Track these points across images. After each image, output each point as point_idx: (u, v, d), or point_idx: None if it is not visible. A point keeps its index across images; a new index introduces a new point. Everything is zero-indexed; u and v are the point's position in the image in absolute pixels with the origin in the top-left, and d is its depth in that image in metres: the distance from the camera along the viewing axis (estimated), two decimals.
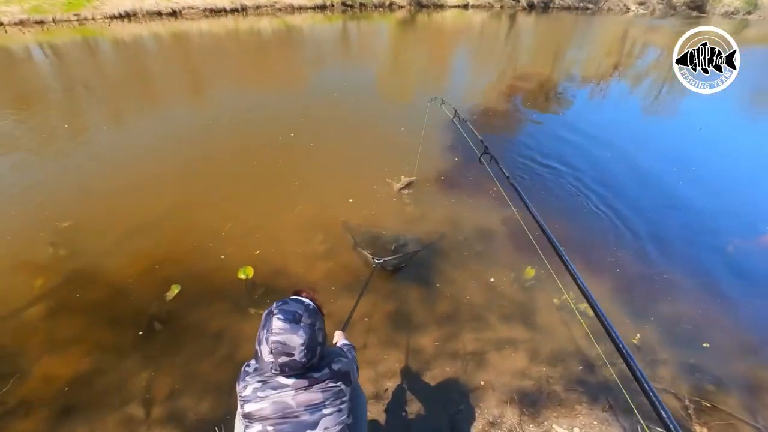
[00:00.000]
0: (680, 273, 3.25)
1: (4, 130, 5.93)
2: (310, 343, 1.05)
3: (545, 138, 5.89)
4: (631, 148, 5.62)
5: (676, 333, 2.73)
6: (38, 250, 3.38)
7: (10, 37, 15.64)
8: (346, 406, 1.13)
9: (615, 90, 9.20)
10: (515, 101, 7.85)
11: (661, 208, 4.21)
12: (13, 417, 2.18)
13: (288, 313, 1.06)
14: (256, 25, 17.43)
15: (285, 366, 1.03)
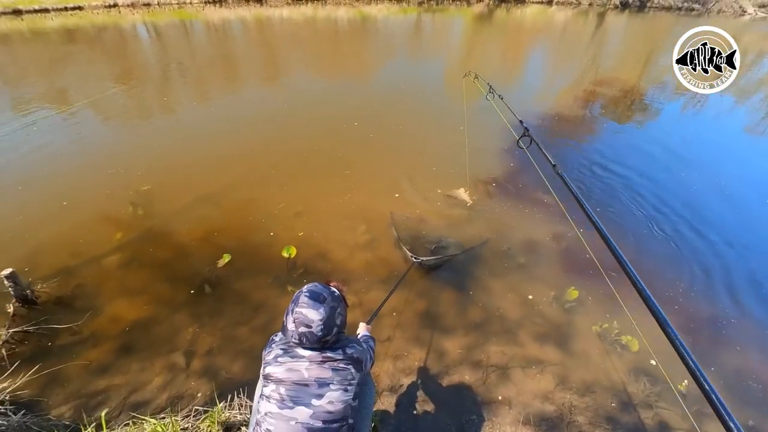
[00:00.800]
0: (756, 323, 2.85)
1: (108, 100, 6.82)
2: (327, 321, 1.19)
3: (621, 150, 5.44)
4: (721, 171, 4.96)
5: (738, 389, 2.41)
6: (121, 207, 3.89)
7: (122, 16, 17.78)
8: (352, 389, 1.21)
9: (714, 104, 8.10)
10: (592, 108, 7.30)
11: (746, 245, 3.68)
12: (84, 345, 2.57)
13: (314, 293, 1.22)
14: (333, 14, 17.94)
15: (303, 336, 1.18)
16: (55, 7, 18.63)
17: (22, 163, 4.70)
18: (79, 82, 8.02)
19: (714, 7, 22.56)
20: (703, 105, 7.90)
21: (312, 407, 1.15)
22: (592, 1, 22.49)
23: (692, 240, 3.63)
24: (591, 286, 3.03)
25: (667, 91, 8.57)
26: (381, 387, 2.29)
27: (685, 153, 5.43)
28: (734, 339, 2.72)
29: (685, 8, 22.57)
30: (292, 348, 1.23)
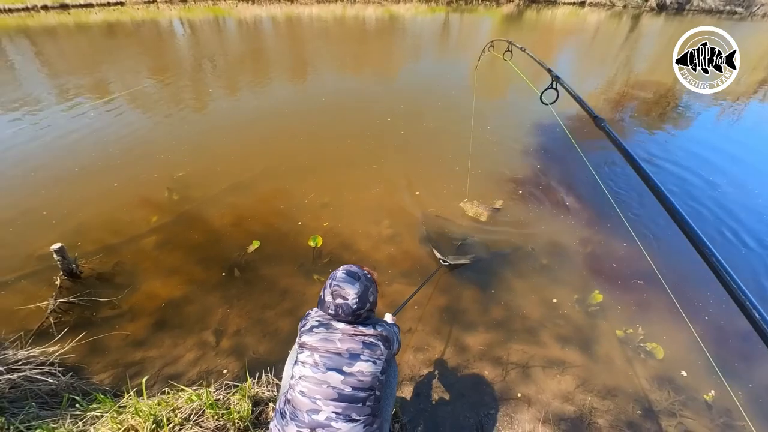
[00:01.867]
0: None
1: (145, 92, 7.14)
2: (362, 296, 1.32)
3: (652, 154, 5.28)
4: (753, 181, 4.76)
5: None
6: (157, 192, 4.09)
7: (160, 12, 18.47)
8: (381, 363, 1.31)
9: (754, 112, 7.74)
10: (623, 112, 7.10)
11: None
12: (123, 319, 2.73)
13: (351, 272, 1.37)
14: (362, 12, 18.07)
15: (339, 308, 1.31)
16: (99, 2, 19.54)
17: (64, 148, 5.00)
18: (119, 74, 8.42)
19: (759, 11, 21.36)
20: (741, 113, 7.54)
21: (343, 374, 1.24)
22: (626, 3, 21.71)
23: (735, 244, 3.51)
24: (616, 290, 2.99)
25: (704, 97, 8.23)
26: (402, 377, 2.34)
27: (717, 160, 5.22)
28: None
29: (727, 11, 21.48)
30: (327, 320, 1.34)
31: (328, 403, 1.22)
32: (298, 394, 1.24)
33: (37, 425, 1.54)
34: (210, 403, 1.69)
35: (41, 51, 10.75)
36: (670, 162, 5.11)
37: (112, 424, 1.54)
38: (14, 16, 17.61)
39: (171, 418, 1.61)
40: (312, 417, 1.21)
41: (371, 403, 1.26)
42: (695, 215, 3.98)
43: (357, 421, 1.22)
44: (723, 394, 2.31)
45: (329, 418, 1.20)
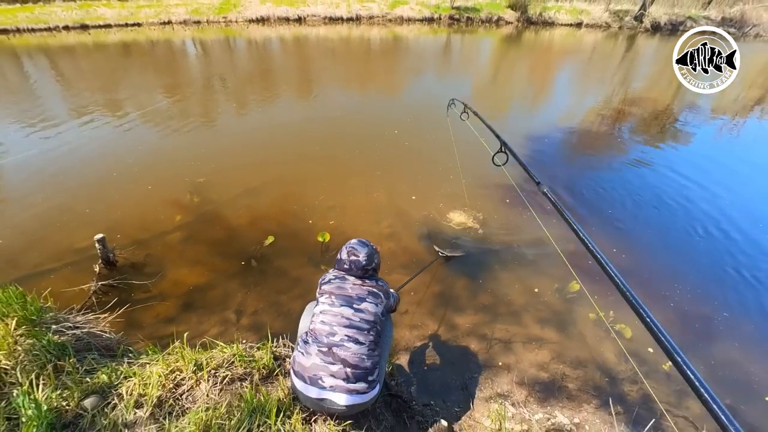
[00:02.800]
0: (756, 325, 3.06)
1: (161, 110, 7.69)
2: (369, 256, 1.82)
3: (647, 170, 5.63)
4: (745, 191, 5.11)
5: (727, 378, 2.64)
6: (181, 195, 4.52)
7: (175, 32, 19.43)
8: (381, 306, 1.76)
9: (752, 128, 8.10)
10: (620, 128, 7.54)
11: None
12: (154, 301, 3.10)
13: (362, 240, 1.91)
14: (367, 33, 18.91)
15: (352, 263, 1.78)
16: (117, 23, 20.62)
17: (101, 157, 5.50)
18: (139, 92, 9.03)
19: (751, 32, 22.10)
20: (740, 130, 7.87)
21: (353, 309, 1.69)
22: (622, 24, 22.54)
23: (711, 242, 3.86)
24: (592, 282, 3.33)
25: (702, 114, 8.64)
26: (398, 348, 2.68)
27: (713, 172, 5.57)
28: (729, 336, 2.94)
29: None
30: (342, 275, 1.82)
31: (342, 329, 1.62)
32: (319, 324, 1.65)
33: (102, 366, 1.92)
34: (239, 354, 2.05)
35: (83, 69, 11.49)
36: (670, 170, 5.53)
37: (163, 365, 1.91)
38: (36, 35, 18.65)
39: (209, 362, 1.97)
40: (330, 338, 1.61)
41: (373, 334, 1.67)
42: (691, 219, 4.35)
43: (363, 344, 1.62)
44: None
45: (342, 339, 1.60)
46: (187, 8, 22.66)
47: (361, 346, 1.60)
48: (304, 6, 22.66)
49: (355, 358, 1.57)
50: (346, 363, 1.56)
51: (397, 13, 22.16)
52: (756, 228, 4.28)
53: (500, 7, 22.76)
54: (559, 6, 23.27)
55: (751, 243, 3.99)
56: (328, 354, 1.57)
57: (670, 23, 22.60)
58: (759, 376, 2.65)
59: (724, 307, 3.17)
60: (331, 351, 1.58)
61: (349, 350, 1.58)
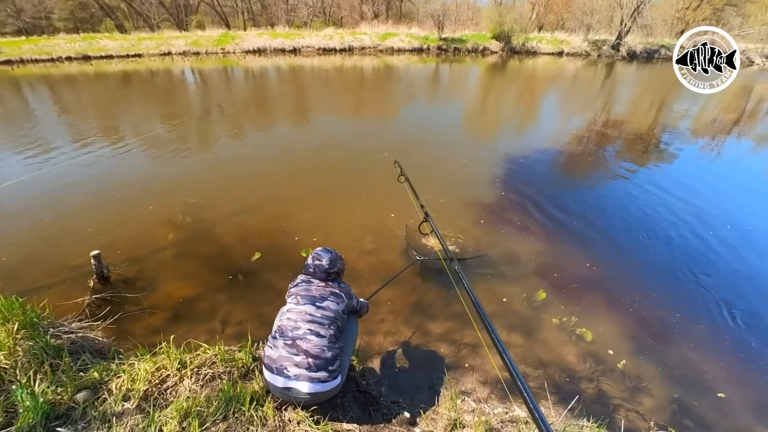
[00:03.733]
0: (710, 331, 3.28)
1: (160, 136, 8.06)
2: (332, 261, 2.09)
3: (633, 188, 5.94)
4: (734, 208, 5.41)
5: (677, 376, 2.84)
6: (174, 214, 4.76)
7: (174, 63, 20.21)
8: (342, 305, 2.01)
9: (732, 149, 8.54)
10: (605, 149, 7.97)
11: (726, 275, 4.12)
12: (144, 312, 3.28)
13: (326, 248, 2.18)
14: (360, 63, 19.80)
15: (316, 267, 2.03)
16: (119, 54, 21.44)
17: (95, 181, 5.76)
18: (135, 120, 9.43)
19: None
20: (720, 150, 8.30)
21: (316, 306, 1.93)
22: (600, 53, 23.87)
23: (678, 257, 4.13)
24: (558, 291, 3.58)
25: (683, 136, 9.14)
26: (371, 352, 2.87)
27: (700, 189, 5.86)
28: (680, 339, 3.15)
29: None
30: (308, 279, 2.02)
31: (305, 324, 1.85)
32: (286, 320, 1.87)
33: (94, 365, 2.10)
34: (221, 354, 2.24)
35: (79, 97, 11.94)
36: (656, 188, 5.86)
37: (150, 363, 2.09)
38: (40, 66, 19.31)
39: (192, 360, 2.16)
40: (294, 332, 1.83)
41: (334, 328, 1.90)
42: (680, 238, 4.60)
43: (323, 337, 1.84)
44: (633, 364, 2.84)
45: (305, 332, 1.83)
46: (187, 40, 23.67)
47: (322, 339, 1.82)
48: (299, 38, 23.77)
49: (316, 349, 1.78)
50: (308, 354, 1.76)
51: (387, 44, 23.30)
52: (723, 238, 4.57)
53: (485, 38, 24.03)
54: (540, 37, 24.64)
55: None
56: (292, 346, 1.79)
57: (646, 51, 23.99)
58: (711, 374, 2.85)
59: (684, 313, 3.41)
60: (295, 343, 1.79)
61: (311, 342, 1.79)
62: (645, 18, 25.01)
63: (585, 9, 26.38)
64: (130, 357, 2.27)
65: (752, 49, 25.25)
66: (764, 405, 2.68)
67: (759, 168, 7.44)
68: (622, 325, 3.25)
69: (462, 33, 25.16)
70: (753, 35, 26.90)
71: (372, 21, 29.23)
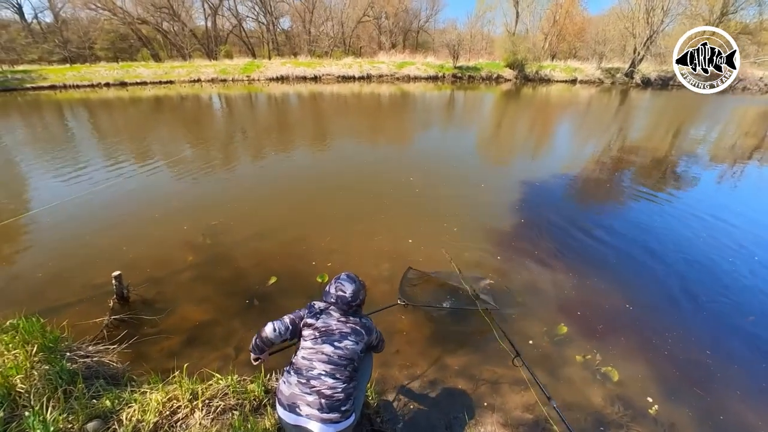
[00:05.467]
0: (745, 371, 3.05)
1: (185, 157, 8.37)
2: (356, 292, 1.95)
3: (647, 214, 5.87)
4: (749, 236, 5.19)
5: (715, 426, 2.63)
6: (194, 237, 4.86)
7: (203, 89, 21.26)
8: (361, 344, 1.92)
9: (754, 174, 8.27)
10: (621, 175, 7.85)
11: None
12: (161, 335, 3.29)
13: (351, 275, 2.04)
14: (377, 89, 20.37)
15: (339, 299, 1.92)
16: (152, 81, 22.75)
17: (126, 202, 5.98)
18: (163, 142, 9.85)
19: (739, 85, 23.16)
20: (741, 176, 8.05)
21: (334, 346, 1.84)
22: (614, 80, 23.92)
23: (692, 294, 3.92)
24: (579, 324, 3.42)
25: (701, 161, 8.94)
26: (387, 386, 2.77)
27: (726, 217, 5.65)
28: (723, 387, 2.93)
29: (707, 86, 23.37)
30: (327, 310, 1.94)
31: (321, 364, 1.79)
32: (300, 358, 1.83)
33: (107, 392, 2.09)
34: (233, 386, 2.20)
35: (102, 121, 12.63)
36: (669, 219, 5.69)
37: (162, 393, 2.07)
38: (80, 91, 20.63)
39: (204, 392, 2.13)
40: (309, 372, 1.78)
41: (350, 369, 1.84)
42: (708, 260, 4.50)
43: (339, 379, 1.78)
44: (667, 410, 2.64)
45: (320, 373, 1.77)
46: (215, 68, 24.98)
47: (337, 381, 1.77)
48: (320, 67, 24.76)
49: (330, 390, 1.73)
50: (321, 394, 1.72)
51: (404, 72, 23.99)
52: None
53: (499, 66, 24.47)
54: (554, 65, 24.96)
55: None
56: (306, 385, 1.75)
57: (660, 79, 23.93)
58: None
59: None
60: (309, 383, 1.75)
61: (325, 383, 1.74)
62: (658, 47, 25.10)
63: (597, 38, 26.71)
64: (143, 384, 2.25)
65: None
66: None
67: None
68: (650, 364, 3.06)
69: (476, 61, 25.73)
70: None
71: (389, 50, 30.26)
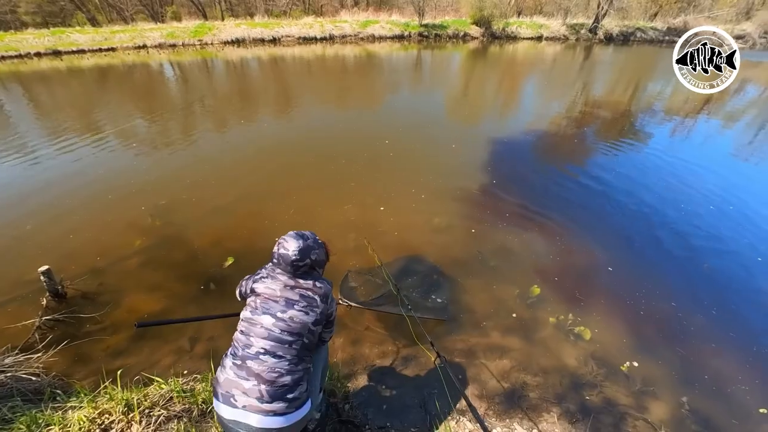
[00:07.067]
0: (710, 319, 3.10)
1: (134, 129, 7.57)
2: (303, 251, 1.53)
3: (611, 165, 5.93)
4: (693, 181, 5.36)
5: (684, 376, 2.65)
6: (141, 218, 4.39)
7: (150, 56, 19.33)
8: (314, 315, 1.52)
9: (703, 128, 8.51)
10: (585, 130, 7.83)
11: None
12: (104, 332, 2.96)
13: (299, 233, 1.59)
14: (341, 51, 19.22)
15: (280, 257, 1.53)
16: (91, 49, 20.38)
17: (64, 182, 5.32)
18: (109, 114, 8.86)
19: (694, 40, 23.87)
20: (692, 129, 8.32)
21: (275, 318, 1.47)
22: (578, 37, 23.89)
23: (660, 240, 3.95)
24: (551, 285, 3.37)
25: (657, 116, 9.08)
26: (356, 368, 2.61)
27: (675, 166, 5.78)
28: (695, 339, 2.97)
29: (666, 41, 24.30)
30: (273, 271, 1.58)
31: (259, 340, 1.45)
32: (239, 333, 1.52)
33: (21, 414, 1.78)
34: (177, 390, 1.95)
35: (34, 95, 11.22)
36: (630, 170, 5.75)
37: (89, 409, 1.78)
38: (7, 63, 18.23)
39: (141, 402, 1.86)
40: (245, 350, 1.45)
41: (297, 347, 1.48)
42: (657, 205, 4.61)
43: (283, 359, 1.44)
44: (638, 365, 2.65)
45: (258, 352, 1.43)
46: (162, 32, 22.64)
47: (280, 360, 1.44)
48: (279, 27, 22.96)
49: (271, 373, 1.41)
50: (261, 379, 1.40)
51: (368, 32, 22.67)
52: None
53: (466, 23, 23.61)
54: (520, 21, 24.44)
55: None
56: (241, 368, 1.43)
57: (622, 34, 24.26)
58: None
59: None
60: (246, 364, 1.43)
61: (265, 364, 1.42)
62: (621, 1, 25.15)
63: None
64: (70, 399, 1.95)
65: (724, 30, 25.67)
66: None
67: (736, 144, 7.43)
68: (622, 320, 3.06)
69: (442, 19, 24.66)
70: (722, 17, 27.37)
71: (352, 8, 28.42)
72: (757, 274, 3.65)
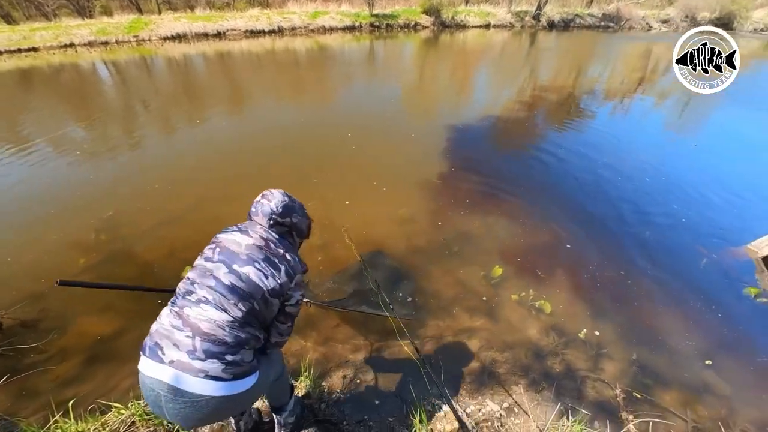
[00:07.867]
0: (653, 281, 3.39)
1: (69, 136, 6.94)
2: (286, 207, 1.45)
3: (563, 144, 6.26)
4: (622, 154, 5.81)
5: (633, 335, 2.89)
6: (84, 234, 4.06)
7: (79, 55, 17.72)
8: (273, 281, 1.31)
9: (638, 106, 9.21)
10: (535, 114, 8.17)
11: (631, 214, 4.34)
12: (51, 362, 2.72)
13: (288, 193, 1.51)
14: (291, 44, 18.65)
15: (259, 205, 1.44)
16: (8, 50, 18.30)
17: None
18: (38, 121, 8.04)
19: (626, 25, 26.14)
20: (629, 108, 9.00)
21: (229, 269, 1.27)
22: (523, 24, 24.99)
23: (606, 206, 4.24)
24: (512, 264, 3.53)
25: (598, 97, 9.70)
26: (330, 366, 2.59)
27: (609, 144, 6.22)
28: (633, 297, 3.24)
29: (602, 26, 26.15)
30: (245, 226, 1.43)
31: (203, 288, 1.25)
32: (183, 281, 1.32)
33: None
34: (139, 414, 1.84)
35: None
36: (577, 148, 6.13)
37: None
38: None
39: (100, 430, 1.74)
40: (185, 298, 1.25)
41: (245, 309, 1.25)
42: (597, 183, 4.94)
43: (226, 313, 1.22)
44: (593, 331, 2.85)
45: (200, 300, 1.23)
46: (92, 29, 20.78)
47: (223, 313, 1.21)
48: (223, 21, 21.82)
49: (210, 325, 1.19)
50: (196, 330, 1.18)
51: (318, 23, 22.13)
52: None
53: (416, 12, 23.72)
54: (468, 10, 24.97)
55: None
56: (178, 317, 1.21)
57: (563, 20, 25.73)
58: None
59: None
60: (183, 312, 1.21)
61: (205, 314, 1.20)
62: None
63: None
64: None
65: (650, 15, 28.14)
66: (718, 347, 2.80)
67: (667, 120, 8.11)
68: (578, 292, 3.27)
69: (393, 9, 24.57)
70: (649, 2, 29.56)
71: None
72: (683, 233, 4.04)
